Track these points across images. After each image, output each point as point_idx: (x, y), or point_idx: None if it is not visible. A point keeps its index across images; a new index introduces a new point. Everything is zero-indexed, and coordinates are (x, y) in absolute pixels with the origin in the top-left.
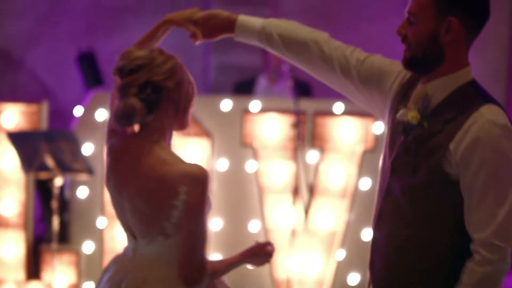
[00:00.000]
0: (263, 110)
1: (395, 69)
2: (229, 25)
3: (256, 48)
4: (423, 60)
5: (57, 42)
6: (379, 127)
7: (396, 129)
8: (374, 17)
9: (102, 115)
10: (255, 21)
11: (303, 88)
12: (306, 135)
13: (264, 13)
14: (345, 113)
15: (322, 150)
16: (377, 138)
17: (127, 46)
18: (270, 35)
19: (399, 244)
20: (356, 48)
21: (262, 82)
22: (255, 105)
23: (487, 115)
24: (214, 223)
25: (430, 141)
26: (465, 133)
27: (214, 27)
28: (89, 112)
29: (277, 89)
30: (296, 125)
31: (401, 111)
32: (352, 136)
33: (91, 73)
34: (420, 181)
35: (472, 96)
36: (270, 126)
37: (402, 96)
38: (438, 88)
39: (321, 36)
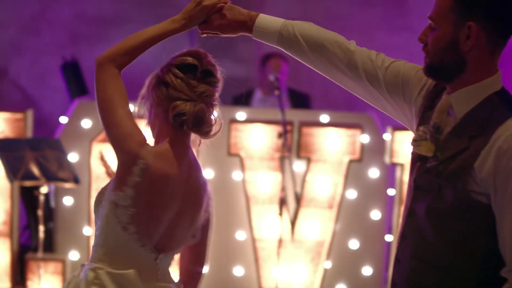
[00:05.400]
0: (249, 120)
1: (421, 77)
2: (249, 20)
3: (245, 59)
4: (442, 68)
5: (40, 52)
6: (365, 138)
7: None
8: (357, 30)
9: (87, 123)
10: (276, 20)
11: (302, 99)
12: (292, 145)
13: None
14: (331, 123)
15: (308, 160)
16: (364, 148)
17: None
18: (292, 35)
19: (422, 267)
20: (380, 53)
21: (258, 95)
22: (241, 115)
23: None
24: None
25: (454, 161)
26: (490, 150)
27: (233, 19)
28: (74, 121)
29: (271, 100)
30: (283, 135)
31: (416, 140)
32: (338, 146)
33: (75, 82)
34: (446, 205)
35: (498, 108)
36: (256, 136)
37: (428, 108)
38: (462, 99)
39: (345, 40)
